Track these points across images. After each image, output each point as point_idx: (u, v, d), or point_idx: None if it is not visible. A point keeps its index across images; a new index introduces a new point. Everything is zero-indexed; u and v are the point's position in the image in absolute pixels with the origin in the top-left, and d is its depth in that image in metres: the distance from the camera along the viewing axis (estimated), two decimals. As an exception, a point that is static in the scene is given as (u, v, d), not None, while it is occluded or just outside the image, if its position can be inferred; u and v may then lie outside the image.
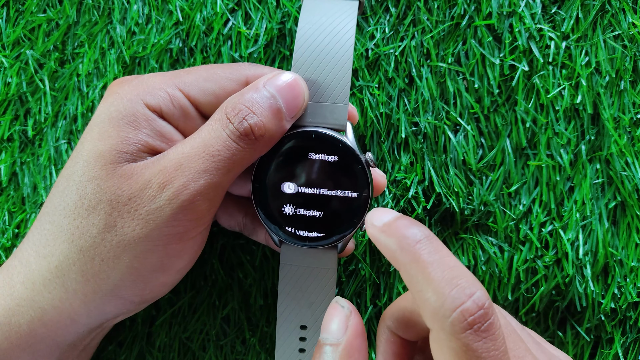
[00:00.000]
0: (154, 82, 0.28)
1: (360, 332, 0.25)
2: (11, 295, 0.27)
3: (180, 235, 0.27)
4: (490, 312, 0.21)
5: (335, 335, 0.25)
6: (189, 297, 0.36)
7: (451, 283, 0.21)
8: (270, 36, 0.36)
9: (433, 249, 0.22)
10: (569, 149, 0.35)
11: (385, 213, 0.24)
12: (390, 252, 0.23)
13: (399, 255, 0.23)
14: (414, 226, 0.23)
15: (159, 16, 0.37)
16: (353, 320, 0.25)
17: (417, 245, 0.22)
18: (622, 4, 0.35)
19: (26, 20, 0.39)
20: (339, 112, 0.28)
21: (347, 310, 0.25)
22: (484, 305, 0.20)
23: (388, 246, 0.23)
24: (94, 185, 0.26)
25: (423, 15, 0.36)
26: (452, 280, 0.21)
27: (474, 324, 0.20)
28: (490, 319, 0.20)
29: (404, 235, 0.23)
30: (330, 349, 0.24)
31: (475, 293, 0.21)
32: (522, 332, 0.27)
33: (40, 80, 0.38)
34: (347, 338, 0.25)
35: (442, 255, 0.22)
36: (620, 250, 0.34)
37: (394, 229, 0.23)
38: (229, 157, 0.26)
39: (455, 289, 0.21)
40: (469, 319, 0.20)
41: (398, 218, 0.24)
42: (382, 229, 0.24)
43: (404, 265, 0.22)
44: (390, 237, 0.23)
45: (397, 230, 0.23)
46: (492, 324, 0.20)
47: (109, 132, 0.27)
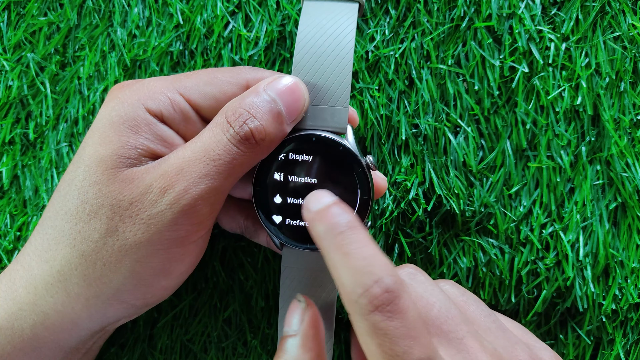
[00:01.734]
0: (154, 87, 0.28)
1: (314, 323, 0.27)
2: (14, 300, 0.27)
3: (181, 239, 0.27)
4: (397, 294, 0.23)
5: (293, 328, 0.27)
6: (191, 299, 0.36)
7: (363, 270, 0.23)
8: (270, 39, 0.36)
9: (354, 239, 0.24)
10: (569, 151, 0.35)
11: (323, 197, 0.26)
12: (318, 239, 0.25)
13: (324, 242, 0.25)
14: (342, 215, 0.25)
15: (159, 19, 0.37)
16: (308, 313, 0.27)
17: (340, 236, 0.24)
18: (622, 5, 0.35)
19: (27, 24, 0.39)
20: (340, 115, 0.28)
21: (303, 304, 0.27)
22: (388, 288, 0.23)
23: (317, 232, 0.25)
24: (95, 190, 0.26)
25: (423, 17, 0.36)
26: (365, 267, 0.23)
27: (378, 305, 0.22)
28: (395, 301, 0.23)
29: (331, 224, 0.24)
30: (289, 340, 0.26)
31: (382, 278, 0.23)
32: (487, 317, 0.29)
33: (41, 83, 0.38)
34: (303, 328, 0.27)
35: (360, 245, 0.24)
36: (621, 252, 0.34)
37: (323, 216, 0.25)
38: (229, 161, 0.26)
39: (364, 276, 0.23)
40: (374, 302, 0.22)
41: (332, 205, 0.25)
42: (314, 215, 0.25)
43: (328, 252, 0.24)
44: (319, 224, 0.25)
45: (326, 219, 0.25)
46: (398, 304, 0.23)
47: (110, 137, 0.27)
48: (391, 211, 0.35)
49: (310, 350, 0.26)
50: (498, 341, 0.28)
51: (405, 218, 0.35)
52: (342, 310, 0.35)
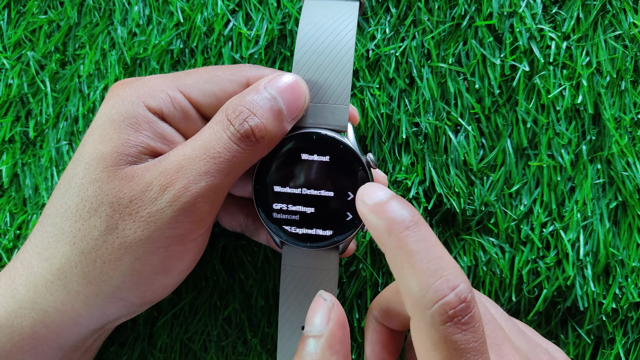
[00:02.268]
0: (154, 84, 0.28)
1: (342, 324, 0.25)
2: (13, 298, 0.27)
3: (181, 237, 0.27)
4: (472, 304, 0.21)
5: (318, 328, 0.25)
6: (191, 298, 0.36)
7: (435, 274, 0.21)
8: (271, 37, 0.36)
9: (421, 236, 0.22)
10: (570, 149, 0.35)
11: (378, 190, 0.24)
12: (378, 234, 0.23)
13: (386, 239, 0.22)
14: (404, 209, 0.23)
15: (159, 17, 0.37)
16: (335, 313, 0.25)
17: (405, 232, 0.22)
18: (623, 4, 0.35)
19: (27, 22, 0.39)
20: (340, 113, 0.28)
21: (329, 303, 0.25)
22: (466, 299, 0.20)
23: (376, 228, 0.23)
24: (95, 187, 0.26)
25: (424, 15, 0.36)
26: (436, 271, 0.21)
27: (454, 316, 0.20)
28: (471, 312, 0.21)
29: (393, 220, 0.22)
30: (313, 341, 0.24)
31: (459, 286, 0.21)
32: (507, 321, 0.28)
33: (42, 81, 0.38)
34: (330, 329, 0.25)
35: (429, 244, 0.22)
36: (622, 251, 0.34)
37: (384, 211, 0.23)
38: (230, 159, 0.26)
39: (438, 281, 0.21)
40: (450, 312, 0.20)
41: (390, 199, 0.23)
42: (373, 208, 0.23)
43: (390, 250, 0.22)
44: (379, 218, 0.23)
45: (387, 213, 0.23)
46: (473, 316, 0.21)
47: (110, 135, 0.27)
48: (391, 210, 0.35)
49: (337, 353, 0.24)
50: (522, 345, 0.27)
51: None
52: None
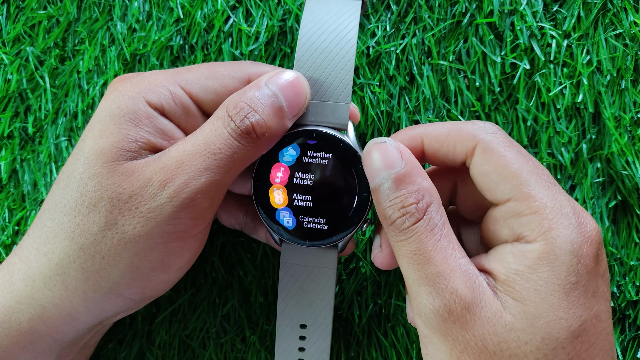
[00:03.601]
0: (155, 80, 0.28)
1: (410, 153, 0.26)
2: (11, 293, 0.27)
3: (181, 233, 0.27)
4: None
5: (396, 165, 0.25)
6: (189, 295, 0.36)
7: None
8: (271, 34, 0.36)
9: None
10: (570, 148, 0.35)
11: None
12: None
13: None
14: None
15: (159, 13, 0.37)
16: (400, 145, 0.26)
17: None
18: (624, 2, 0.35)
19: (26, 17, 0.39)
20: (341, 111, 0.28)
21: (392, 142, 0.26)
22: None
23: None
24: (94, 182, 0.26)
25: (424, 13, 0.36)
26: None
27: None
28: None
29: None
30: (389, 183, 0.25)
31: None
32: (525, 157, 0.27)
33: (41, 77, 0.38)
34: (407, 159, 0.25)
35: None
36: (620, 249, 0.34)
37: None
38: (230, 155, 0.26)
39: None
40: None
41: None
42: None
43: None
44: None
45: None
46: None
47: (110, 130, 0.27)
48: (391, 207, 0.35)
49: (427, 178, 0.25)
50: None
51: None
52: (340, 306, 0.35)
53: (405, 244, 0.24)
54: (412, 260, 0.24)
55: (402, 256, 0.24)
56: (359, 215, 0.28)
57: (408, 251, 0.24)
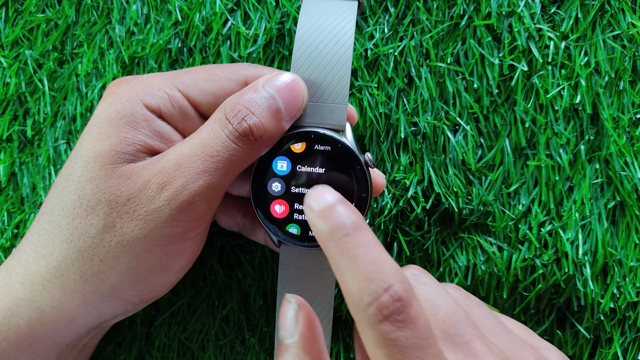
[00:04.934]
0: (153, 83, 0.28)
1: (309, 324, 0.25)
2: (10, 296, 0.27)
3: (179, 235, 0.27)
4: (408, 302, 0.21)
5: (289, 331, 0.25)
6: (188, 297, 0.36)
7: (370, 277, 0.22)
8: (269, 36, 0.36)
9: (361, 241, 0.22)
10: (568, 149, 0.35)
11: (325, 194, 0.24)
12: (322, 240, 0.24)
13: (329, 245, 0.23)
14: (346, 215, 0.23)
15: (158, 16, 0.37)
16: (302, 313, 0.25)
17: (346, 238, 0.23)
18: (622, 4, 0.35)
19: (25, 20, 0.39)
20: (338, 113, 0.28)
21: (294, 305, 0.25)
22: (401, 297, 0.21)
23: (320, 233, 0.24)
24: (92, 185, 0.26)
25: (422, 15, 0.36)
26: (372, 274, 0.22)
27: (389, 315, 0.21)
28: (407, 310, 0.21)
29: (335, 225, 0.23)
30: (289, 342, 0.25)
31: (393, 286, 0.21)
32: (492, 320, 0.28)
33: (39, 80, 0.38)
34: (300, 331, 0.25)
35: (367, 248, 0.22)
36: (620, 250, 0.34)
37: (327, 215, 0.23)
38: (228, 158, 0.26)
39: (374, 283, 0.21)
40: (384, 312, 0.21)
41: (335, 204, 0.24)
42: (318, 214, 0.24)
43: (333, 255, 0.23)
44: (323, 223, 0.23)
45: (330, 218, 0.23)
46: (409, 314, 0.21)
47: (108, 133, 0.27)
48: (390, 209, 0.35)
49: (311, 353, 0.25)
50: (504, 344, 0.27)
51: (404, 216, 0.35)
52: (339, 308, 0.35)
53: None
54: None
55: None
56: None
57: None
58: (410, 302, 0.21)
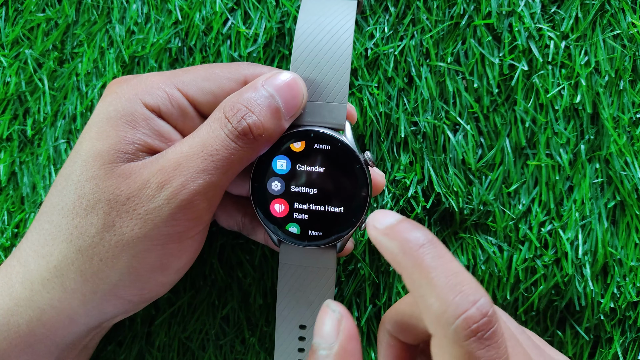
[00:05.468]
0: (152, 82, 0.28)
1: (353, 336, 0.24)
2: (10, 295, 0.27)
3: (179, 234, 0.27)
4: (494, 319, 0.20)
5: (328, 340, 0.24)
6: (189, 297, 0.36)
7: (454, 289, 0.20)
8: (269, 35, 0.36)
9: (436, 253, 0.22)
10: (569, 149, 0.35)
11: (388, 215, 0.24)
12: (393, 256, 0.23)
13: (401, 259, 0.22)
14: (416, 230, 0.22)
15: (158, 15, 0.37)
16: (345, 324, 0.24)
17: (420, 250, 0.22)
18: (622, 3, 0.35)
19: (25, 20, 0.39)
20: (338, 112, 0.28)
21: (337, 314, 0.25)
22: (488, 313, 0.20)
23: (390, 250, 0.23)
24: (92, 184, 0.26)
25: (422, 14, 0.36)
26: (456, 286, 0.21)
27: (477, 331, 0.20)
28: (493, 327, 0.20)
29: (407, 239, 0.22)
30: (325, 354, 0.24)
31: (480, 300, 0.20)
32: (522, 335, 0.27)
33: (39, 79, 0.38)
34: (340, 342, 0.24)
35: (445, 260, 0.21)
36: (620, 250, 0.34)
37: (396, 232, 0.23)
38: (227, 157, 0.26)
39: (458, 296, 0.20)
40: (473, 327, 0.20)
41: (401, 221, 0.23)
42: (384, 231, 0.23)
43: (407, 269, 0.22)
44: (392, 240, 0.23)
45: (400, 234, 0.22)
46: (495, 331, 0.20)
47: (108, 132, 0.27)
48: (390, 209, 0.35)
49: None
50: (538, 359, 0.26)
51: (404, 215, 0.35)
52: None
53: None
54: None
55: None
56: (357, 215, 0.28)
57: None
58: (496, 319, 0.20)
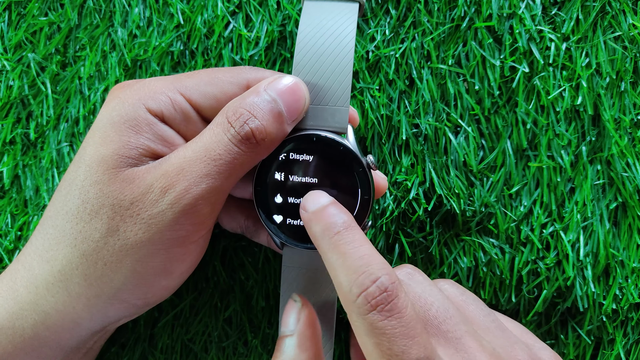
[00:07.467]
0: (155, 87, 0.28)
1: (310, 322, 0.27)
2: (15, 300, 0.27)
3: (182, 239, 0.27)
4: (394, 293, 0.23)
5: (290, 328, 0.27)
6: (191, 299, 0.36)
7: (359, 270, 0.23)
8: (271, 39, 0.36)
9: (350, 239, 0.24)
10: (570, 150, 0.35)
11: (319, 197, 0.26)
12: (315, 239, 0.26)
13: (321, 242, 0.25)
14: (337, 216, 0.25)
15: (160, 19, 0.37)
16: (304, 312, 0.27)
17: (337, 236, 0.25)
18: (623, 5, 0.35)
19: (28, 24, 0.39)
20: (340, 115, 0.28)
21: (298, 304, 0.28)
22: (387, 289, 0.23)
23: (314, 232, 0.26)
24: (96, 189, 0.26)
25: (423, 17, 0.36)
26: (361, 267, 0.23)
27: (377, 305, 0.23)
28: (393, 300, 0.23)
29: (327, 224, 0.25)
30: (287, 340, 0.27)
31: (380, 278, 0.23)
32: (487, 317, 0.29)
33: (42, 83, 0.38)
34: (299, 328, 0.27)
35: (357, 244, 0.24)
36: (622, 251, 0.34)
37: (320, 216, 0.26)
38: (230, 161, 0.26)
39: (362, 275, 0.23)
40: (372, 301, 0.23)
41: (328, 205, 0.26)
42: (310, 215, 0.26)
43: (325, 252, 0.25)
44: (316, 224, 0.25)
45: (323, 219, 0.25)
46: (396, 304, 0.23)
47: (111, 137, 0.27)
48: (392, 211, 0.35)
49: (307, 350, 0.26)
50: (497, 340, 0.28)
51: (406, 218, 0.35)
52: (342, 309, 0.35)
53: None
54: None
55: None
56: (361, 218, 0.28)
57: None
58: (396, 293, 0.23)
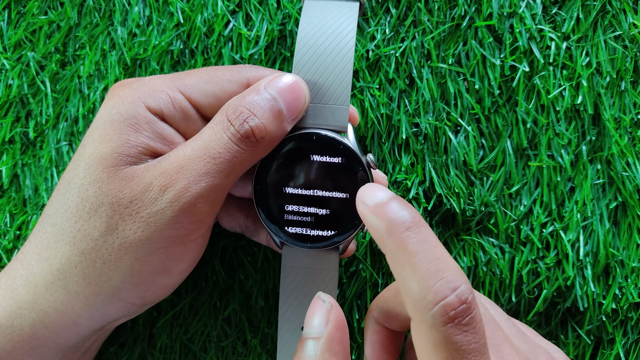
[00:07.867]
0: (154, 85, 0.28)
1: (341, 325, 0.25)
2: (13, 298, 0.27)
3: (181, 237, 0.27)
4: (473, 306, 0.21)
5: (317, 330, 0.25)
6: (190, 299, 0.36)
7: (435, 275, 0.21)
8: (271, 37, 0.36)
9: (421, 237, 0.22)
10: (570, 150, 0.35)
11: (378, 191, 0.23)
12: (378, 235, 0.23)
13: (386, 240, 0.22)
14: (404, 211, 0.22)
15: (159, 18, 0.37)
16: (334, 314, 0.25)
17: (406, 233, 0.22)
18: (623, 4, 0.35)
19: (27, 22, 0.39)
20: (340, 114, 0.28)
21: (328, 305, 0.25)
22: (467, 300, 0.20)
23: (376, 229, 0.23)
24: (95, 188, 0.26)
25: (423, 16, 0.36)
26: (437, 272, 0.21)
27: (455, 317, 0.20)
28: (472, 313, 0.21)
29: (393, 220, 0.22)
30: (312, 343, 0.24)
31: (459, 287, 0.21)
32: (507, 322, 0.28)
33: (42, 82, 0.38)
34: (329, 331, 0.24)
35: (429, 245, 0.22)
36: (621, 251, 0.34)
37: (384, 211, 0.22)
38: (230, 160, 0.26)
39: (439, 282, 0.21)
40: (451, 313, 0.20)
41: (390, 199, 0.23)
42: (373, 209, 0.23)
43: (391, 251, 0.22)
44: (379, 219, 0.23)
45: (387, 214, 0.22)
46: (474, 317, 0.21)
47: (110, 135, 0.27)
48: (391, 210, 0.35)
49: (337, 355, 0.24)
50: (522, 345, 0.27)
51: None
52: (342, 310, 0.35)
53: None
54: None
55: None
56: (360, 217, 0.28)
57: None
58: (475, 306, 0.21)
